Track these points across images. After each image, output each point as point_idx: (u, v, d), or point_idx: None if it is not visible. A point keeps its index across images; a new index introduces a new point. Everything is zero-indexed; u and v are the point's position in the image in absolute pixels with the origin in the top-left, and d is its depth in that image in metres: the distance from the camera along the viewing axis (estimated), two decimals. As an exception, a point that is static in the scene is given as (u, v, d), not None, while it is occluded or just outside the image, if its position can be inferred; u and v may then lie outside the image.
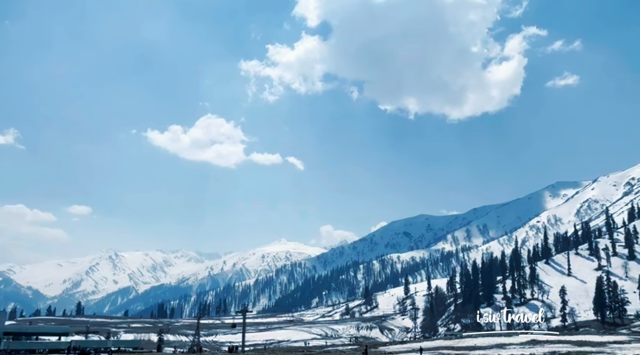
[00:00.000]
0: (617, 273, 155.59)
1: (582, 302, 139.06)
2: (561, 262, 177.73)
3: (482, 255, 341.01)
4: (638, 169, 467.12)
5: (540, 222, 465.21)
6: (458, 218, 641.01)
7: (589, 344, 53.65)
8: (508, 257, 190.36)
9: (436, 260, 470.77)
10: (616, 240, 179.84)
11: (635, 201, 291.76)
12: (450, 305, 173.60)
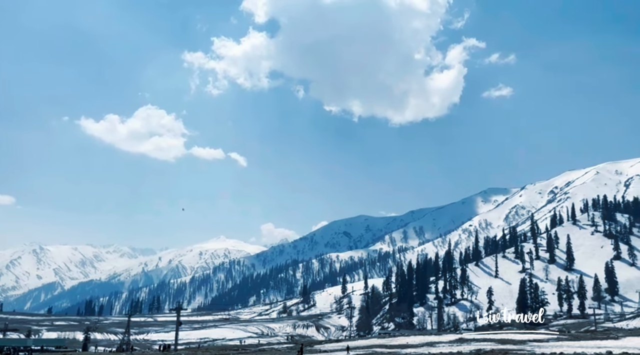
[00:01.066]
0: (539, 275, 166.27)
1: (506, 302, 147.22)
2: (490, 264, 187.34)
3: (418, 256, 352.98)
4: (561, 179, 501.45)
5: (472, 226, 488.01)
6: (396, 219, 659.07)
7: (511, 342, 56.98)
8: (441, 258, 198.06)
9: (374, 260, 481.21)
10: (539, 244, 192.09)
11: (557, 209, 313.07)
12: (385, 305, 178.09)
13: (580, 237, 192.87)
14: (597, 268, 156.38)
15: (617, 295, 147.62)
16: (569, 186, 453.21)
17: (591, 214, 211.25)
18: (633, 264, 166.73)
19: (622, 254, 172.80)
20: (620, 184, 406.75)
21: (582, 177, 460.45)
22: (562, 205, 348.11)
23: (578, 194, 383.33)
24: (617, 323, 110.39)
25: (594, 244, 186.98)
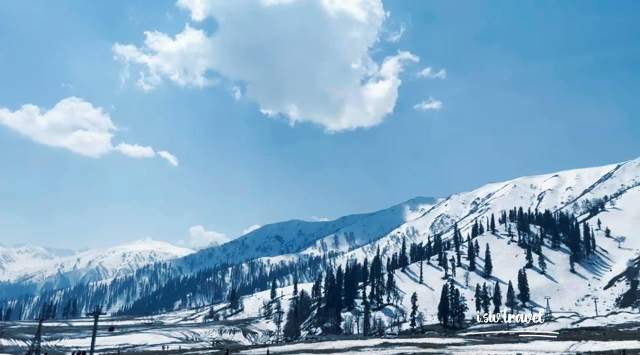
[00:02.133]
0: (460, 282, 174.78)
1: (429, 308, 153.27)
2: (415, 270, 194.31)
3: (347, 261, 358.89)
4: (483, 190, 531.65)
5: (400, 233, 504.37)
6: (328, 225, 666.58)
7: (432, 346, 59.36)
8: (370, 264, 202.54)
9: (304, 265, 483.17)
10: (461, 252, 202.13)
11: (478, 219, 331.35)
12: (314, 309, 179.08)
13: (498, 246, 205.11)
14: (511, 275, 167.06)
15: (528, 301, 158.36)
16: (490, 197, 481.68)
17: (508, 225, 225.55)
18: (542, 272, 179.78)
19: (533, 262, 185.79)
20: (534, 197, 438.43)
21: (501, 189, 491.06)
22: (483, 215, 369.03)
23: (497, 205, 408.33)
24: (528, 327, 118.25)
25: (509, 253, 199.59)
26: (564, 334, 78.40)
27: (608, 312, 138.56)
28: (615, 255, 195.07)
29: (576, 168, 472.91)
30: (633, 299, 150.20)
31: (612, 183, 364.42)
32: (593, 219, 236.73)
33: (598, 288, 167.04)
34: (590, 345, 51.44)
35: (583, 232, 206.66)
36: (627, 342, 50.44)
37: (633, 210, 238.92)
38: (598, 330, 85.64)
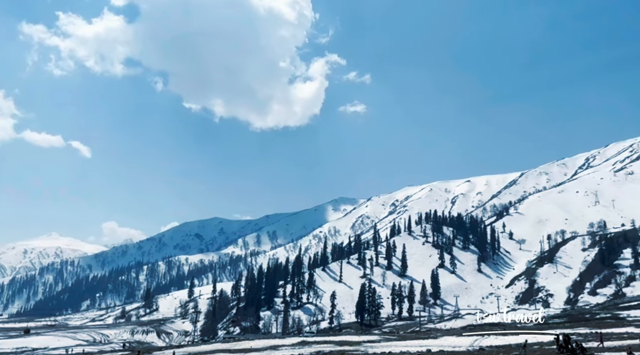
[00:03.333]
0: (377, 281, 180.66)
1: (347, 306, 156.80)
2: (335, 269, 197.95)
3: (269, 260, 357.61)
4: (401, 193, 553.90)
5: (322, 232, 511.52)
6: (251, 223, 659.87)
7: (348, 343, 60.73)
8: (291, 263, 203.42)
9: (225, 264, 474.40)
10: (379, 252, 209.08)
11: (397, 220, 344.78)
12: (233, 309, 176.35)
13: (414, 246, 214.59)
14: (425, 275, 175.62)
15: (439, 299, 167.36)
16: (408, 200, 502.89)
17: (424, 226, 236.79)
18: (453, 272, 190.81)
19: (445, 262, 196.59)
20: (448, 201, 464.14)
21: (418, 192, 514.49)
22: (401, 217, 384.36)
23: (415, 207, 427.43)
24: (438, 324, 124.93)
25: (424, 253, 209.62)
26: (469, 330, 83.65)
27: (509, 308, 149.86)
28: (517, 256, 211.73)
29: (486, 175, 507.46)
30: (530, 296, 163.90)
31: (517, 189, 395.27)
32: (499, 222, 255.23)
33: (501, 286, 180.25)
34: (492, 340, 55.39)
35: (490, 234, 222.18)
36: (523, 337, 54.91)
37: (533, 215, 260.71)
38: (499, 325, 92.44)
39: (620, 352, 35.19)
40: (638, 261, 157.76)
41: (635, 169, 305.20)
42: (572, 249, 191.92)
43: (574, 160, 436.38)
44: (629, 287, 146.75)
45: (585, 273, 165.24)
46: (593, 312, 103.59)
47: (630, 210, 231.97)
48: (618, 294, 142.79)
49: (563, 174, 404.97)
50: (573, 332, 55.57)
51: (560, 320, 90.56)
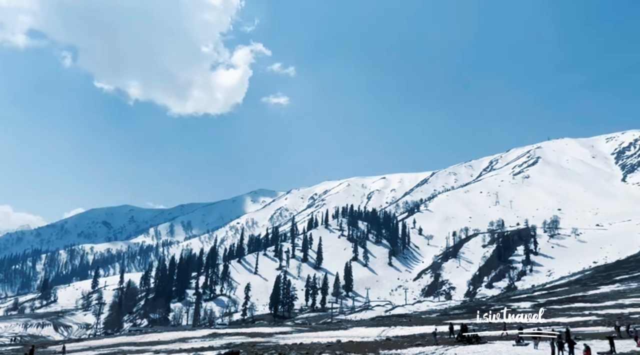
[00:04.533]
0: (293, 273, 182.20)
1: (262, 298, 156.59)
2: (251, 261, 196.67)
3: (183, 251, 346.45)
4: (320, 187, 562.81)
5: (240, 223, 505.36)
6: (164, 212, 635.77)
7: (260, 335, 60.64)
8: (206, 254, 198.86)
9: (134, 254, 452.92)
10: (296, 244, 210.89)
11: (314, 213, 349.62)
12: (141, 300, 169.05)
13: (330, 239, 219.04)
14: (339, 267, 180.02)
15: (352, 291, 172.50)
16: (326, 194, 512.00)
17: (340, 220, 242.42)
18: (366, 265, 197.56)
19: (359, 256, 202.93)
20: (364, 196, 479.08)
21: (337, 187, 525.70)
22: (319, 210, 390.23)
23: (332, 201, 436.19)
24: (349, 315, 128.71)
25: (339, 246, 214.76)
26: (377, 321, 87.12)
27: (415, 300, 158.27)
28: (425, 251, 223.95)
29: (401, 172, 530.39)
30: (435, 289, 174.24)
31: (428, 188, 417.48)
32: (410, 218, 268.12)
33: (409, 279, 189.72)
34: (398, 330, 58.09)
35: (401, 230, 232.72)
36: (426, 327, 58.24)
37: (441, 213, 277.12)
38: (405, 317, 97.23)
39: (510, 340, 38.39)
40: (529, 257, 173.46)
41: (531, 173, 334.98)
42: (474, 245, 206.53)
43: (480, 162, 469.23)
44: (520, 281, 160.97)
45: (484, 268, 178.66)
46: (489, 303, 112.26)
47: (525, 211, 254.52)
48: (511, 287, 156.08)
49: (469, 175, 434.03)
50: (471, 322, 59.79)
51: (460, 312, 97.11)
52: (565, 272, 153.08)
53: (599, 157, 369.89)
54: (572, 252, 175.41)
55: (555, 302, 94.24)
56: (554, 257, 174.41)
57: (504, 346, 34.51)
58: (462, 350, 32.37)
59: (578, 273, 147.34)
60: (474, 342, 36.71)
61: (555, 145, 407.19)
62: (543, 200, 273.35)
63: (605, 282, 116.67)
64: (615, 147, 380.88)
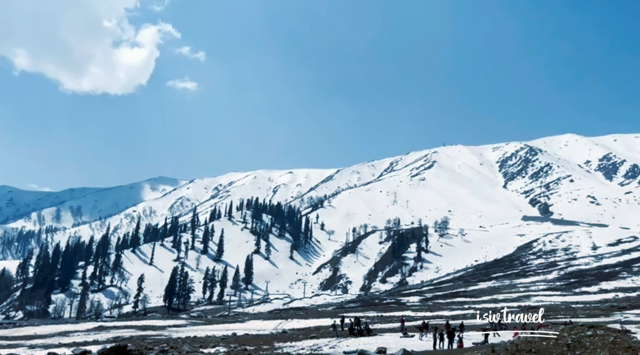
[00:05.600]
0: (191, 265, 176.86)
1: (156, 290, 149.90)
2: (147, 251, 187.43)
3: (70, 238, 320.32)
4: (226, 178, 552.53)
5: (136, 211, 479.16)
6: (51, 196, 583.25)
7: (151, 328, 58.00)
8: (96, 242, 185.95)
9: (12, 240, 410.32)
10: (196, 236, 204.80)
11: (218, 204, 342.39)
12: (17, 291, 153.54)
13: (233, 231, 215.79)
14: (240, 260, 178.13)
15: (251, 284, 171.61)
16: (232, 185, 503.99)
17: (244, 213, 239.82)
18: (267, 258, 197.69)
19: (261, 249, 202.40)
20: (270, 190, 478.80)
21: (243, 179, 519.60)
22: (223, 201, 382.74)
23: (237, 193, 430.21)
24: (247, 308, 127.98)
25: (242, 239, 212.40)
26: (275, 314, 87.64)
27: (313, 294, 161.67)
28: (326, 246, 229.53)
29: (307, 168, 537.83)
30: (333, 283, 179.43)
31: (332, 185, 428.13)
32: (313, 213, 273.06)
33: (308, 273, 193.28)
34: (295, 323, 58.90)
35: (304, 224, 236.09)
36: (322, 320, 59.72)
37: (343, 209, 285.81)
38: (303, 310, 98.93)
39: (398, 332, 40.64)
40: (420, 255, 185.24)
41: (427, 176, 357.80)
42: (371, 241, 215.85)
43: (382, 163, 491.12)
44: (411, 276, 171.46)
45: (379, 263, 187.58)
46: (381, 297, 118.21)
47: (420, 211, 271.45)
48: (402, 283, 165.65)
49: (372, 174, 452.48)
50: (364, 315, 62.39)
51: (355, 305, 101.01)
52: (451, 269, 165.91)
53: (486, 165, 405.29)
54: (458, 250, 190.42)
55: (441, 296, 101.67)
56: (442, 255, 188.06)
57: (392, 338, 36.42)
58: (354, 342, 33.60)
59: (462, 270, 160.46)
60: (365, 334, 38.29)
61: (449, 151, 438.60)
62: (436, 202, 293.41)
63: (483, 279, 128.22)
64: (500, 156, 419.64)
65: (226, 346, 33.45)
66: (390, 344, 31.02)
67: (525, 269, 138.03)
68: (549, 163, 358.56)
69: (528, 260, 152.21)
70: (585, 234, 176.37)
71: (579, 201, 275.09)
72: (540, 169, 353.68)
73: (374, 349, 25.99)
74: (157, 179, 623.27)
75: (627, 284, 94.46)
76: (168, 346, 36.12)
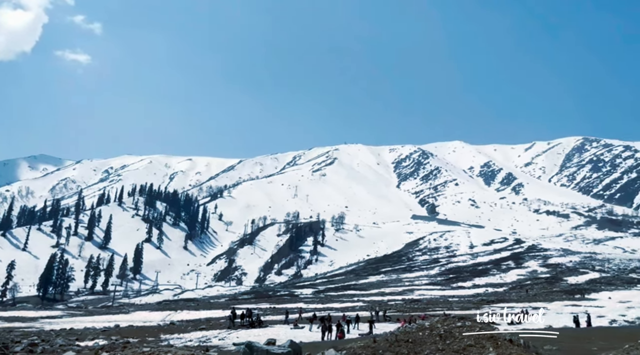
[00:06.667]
0: (73, 252, 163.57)
1: (29, 278, 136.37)
2: (21, 236, 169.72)
3: None
4: (118, 160, 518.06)
5: (10, 191, 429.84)
6: None
7: (21, 320, 52.74)
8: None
9: None
10: (81, 221, 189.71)
11: (108, 189, 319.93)
12: None
13: (123, 218, 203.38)
14: (130, 249, 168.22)
15: (140, 274, 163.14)
16: (124, 169, 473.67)
17: (137, 199, 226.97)
18: (159, 247, 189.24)
19: (152, 237, 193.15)
20: (167, 176, 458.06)
21: (137, 163, 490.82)
22: (113, 186, 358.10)
23: (130, 177, 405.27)
24: (133, 299, 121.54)
25: (132, 226, 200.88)
26: (164, 305, 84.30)
27: (206, 285, 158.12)
28: (223, 236, 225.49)
29: (208, 156, 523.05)
30: (228, 274, 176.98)
31: (233, 175, 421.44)
32: (212, 203, 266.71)
33: (203, 264, 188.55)
34: (185, 315, 57.19)
35: (202, 214, 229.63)
36: (214, 312, 58.78)
37: (243, 200, 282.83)
38: (194, 301, 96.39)
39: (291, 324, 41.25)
40: (316, 248, 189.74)
41: (327, 172, 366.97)
42: (270, 234, 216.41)
43: (285, 156, 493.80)
44: (306, 269, 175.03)
45: (276, 256, 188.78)
46: (275, 290, 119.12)
47: (319, 206, 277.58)
48: (297, 275, 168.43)
49: (274, 167, 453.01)
50: (257, 306, 62.45)
51: (248, 297, 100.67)
52: (345, 263, 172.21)
53: (383, 165, 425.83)
54: (353, 245, 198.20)
55: (333, 289, 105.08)
56: (337, 249, 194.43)
57: (282, 329, 36.88)
58: (244, 334, 33.46)
59: (354, 264, 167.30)
60: (256, 326, 38.32)
61: (350, 149, 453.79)
62: (334, 198, 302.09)
63: (374, 273, 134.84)
64: (396, 157, 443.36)
65: (107, 339, 31.45)
66: (280, 335, 31.36)
67: (411, 264, 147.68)
68: (439, 167, 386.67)
69: (414, 257, 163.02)
70: (464, 233, 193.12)
71: (461, 203, 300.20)
72: (431, 172, 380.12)
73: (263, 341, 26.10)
74: (37, 157, 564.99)
75: (496, 280, 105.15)
76: (39, 339, 33.05)
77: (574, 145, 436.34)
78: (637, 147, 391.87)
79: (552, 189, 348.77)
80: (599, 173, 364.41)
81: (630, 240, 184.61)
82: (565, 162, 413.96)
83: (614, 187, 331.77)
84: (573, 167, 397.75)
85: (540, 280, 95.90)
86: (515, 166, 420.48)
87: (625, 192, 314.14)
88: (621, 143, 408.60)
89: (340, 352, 14.55)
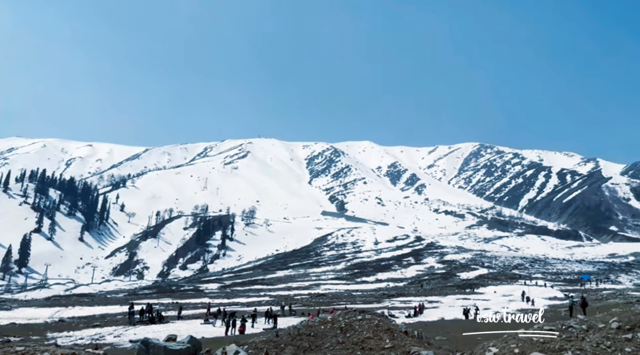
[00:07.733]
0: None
1: None
2: None
3: None
4: (5, 142, 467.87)
5: None
6: None
7: None
8: None
9: None
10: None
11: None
12: None
13: (8, 205, 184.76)
14: (16, 239, 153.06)
15: (26, 267, 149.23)
16: (12, 152, 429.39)
17: (26, 185, 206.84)
18: (50, 238, 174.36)
19: (43, 227, 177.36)
20: (62, 162, 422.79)
21: (28, 146, 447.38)
22: None
23: (19, 162, 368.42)
24: (17, 294, 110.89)
25: (19, 215, 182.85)
26: (53, 301, 77.90)
27: (103, 279, 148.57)
28: (125, 228, 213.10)
29: (110, 143, 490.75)
30: (128, 268, 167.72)
31: (138, 164, 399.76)
32: (113, 193, 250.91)
33: (100, 257, 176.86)
34: (77, 311, 53.27)
35: (101, 204, 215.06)
36: (110, 307, 55.48)
37: (148, 191, 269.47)
38: (89, 296, 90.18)
39: (197, 320, 40.12)
40: (225, 242, 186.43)
41: (239, 165, 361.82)
42: (176, 226, 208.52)
43: (196, 147, 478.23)
44: (213, 263, 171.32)
45: (182, 249, 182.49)
46: (179, 284, 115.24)
47: (230, 199, 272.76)
48: (203, 270, 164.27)
49: (184, 157, 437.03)
50: (158, 302, 59.98)
51: (150, 292, 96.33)
52: (253, 258, 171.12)
53: (296, 160, 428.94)
54: (262, 240, 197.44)
55: (239, 284, 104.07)
56: (247, 244, 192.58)
57: (185, 325, 35.79)
58: (143, 330, 31.97)
59: (263, 259, 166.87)
60: (157, 322, 36.80)
61: (263, 143, 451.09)
62: (246, 191, 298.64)
63: (282, 268, 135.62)
64: (309, 154, 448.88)
65: (-19, 339, 28.32)
66: (181, 331, 30.35)
67: (319, 259, 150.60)
68: (349, 165, 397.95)
69: (322, 252, 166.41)
70: (370, 230, 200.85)
71: (369, 201, 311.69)
72: (341, 170, 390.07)
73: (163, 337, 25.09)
74: None
75: (397, 275, 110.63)
76: None
77: (472, 151, 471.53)
78: (524, 154, 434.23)
79: (451, 190, 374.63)
80: (491, 177, 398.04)
81: (515, 240, 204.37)
82: (463, 166, 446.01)
83: (503, 190, 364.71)
84: (470, 170, 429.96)
85: (436, 276, 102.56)
86: (419, 168, 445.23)
87: (512, 196, 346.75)
88: (511, 150, 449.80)
89: (242, 347, 14.42)
